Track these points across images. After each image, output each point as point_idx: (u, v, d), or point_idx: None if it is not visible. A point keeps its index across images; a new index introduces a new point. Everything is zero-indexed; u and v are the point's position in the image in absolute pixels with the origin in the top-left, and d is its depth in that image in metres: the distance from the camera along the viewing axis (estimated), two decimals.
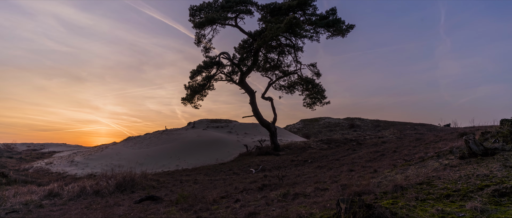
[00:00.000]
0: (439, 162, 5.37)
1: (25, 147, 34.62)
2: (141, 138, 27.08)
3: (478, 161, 4.58)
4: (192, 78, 19.75)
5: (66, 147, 37.02)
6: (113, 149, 22.54)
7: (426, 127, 33.94)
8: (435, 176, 4.36)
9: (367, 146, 15.02)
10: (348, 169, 8.09)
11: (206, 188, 9.11)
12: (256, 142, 22.50)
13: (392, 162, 7.91)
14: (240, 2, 18.63)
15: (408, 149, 9.77)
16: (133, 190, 9.51)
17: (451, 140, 9.17)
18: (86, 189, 8.90)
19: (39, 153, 28.66)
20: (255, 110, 20.41)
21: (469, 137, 5.11)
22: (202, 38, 20.09)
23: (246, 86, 20.56)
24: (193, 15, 18.97)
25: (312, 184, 6.41)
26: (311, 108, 21.20)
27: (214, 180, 11.13)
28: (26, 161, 21.95)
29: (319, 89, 20.22)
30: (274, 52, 22.05)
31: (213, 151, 20.27)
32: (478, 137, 6.09)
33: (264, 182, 8.56)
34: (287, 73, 21.94)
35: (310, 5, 18.38)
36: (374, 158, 9.88)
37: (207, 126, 30.68)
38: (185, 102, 20.31)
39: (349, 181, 5.71)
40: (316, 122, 43.40)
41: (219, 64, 20.18)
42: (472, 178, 3.76)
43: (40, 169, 17.14)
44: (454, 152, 5.76)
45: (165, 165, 17.49)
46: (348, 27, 18.67)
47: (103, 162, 18.51)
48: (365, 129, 37.90)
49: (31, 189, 9.03)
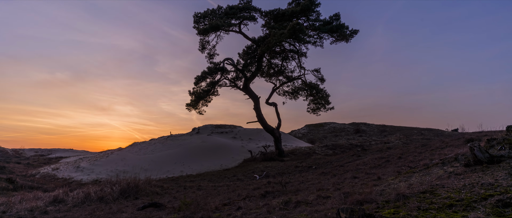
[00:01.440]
0: (443, 170, 5.29)
1: (33, 152, 35.16)
2: (146, 143, 27.26)
3: (484, 169, 4.49)
4: (196, 84, 19.89)
5: (73, 152, 37.49)
6: (119, 154, 22.72)
7: (433, 132, 33.51)
8: (439, 184, 4.28)
9: (372, 152, 14.87)
10: (352, 176, 8.01)
11: (210, 194, 9.09)
12: (261, 148, 22.45)
13: (396, 169, 7.81)
14: (244, 8, 18.80)
15: (413, 155, 9.63)
16: (137, 196, 9.54)
17: (457, 146, 9.02)
18: (91, 195, 8.96)
19: (46, 158, 29.05)
20: (260, 116, 20.41)
21: (474, 144, 5.02)
22: (206, 44, 20.28)
23: (250, 92, 20.60)
24: (197, 22, 19.20)
25: (315, 191, 6.35)
26: (316, 113, 21.13)
27: (218, 186, 11.11)
28: (33, 166, 22.26)
29: (323, 95, 20.17)
30: (278, 57, 22.11)
31: (217, 157, 20.28)
32: (483, 144, 5.98)
33: (267, 188, 8.51)
34: (291, 79, 21.94)
35: (314, 11, 18.46)
36: (378, 164, 9.76)
37: (212, 132, 30.75)
38: (189, 108, 20.43)
39: (352, 188, 5.65)
40: (321, 127, 43.18)
41: (223, 70, 20.30)
42: (476, 187, 3.69)
43: (47, 175, 17.35)
44: (459, 159, 5.66)
45: (169, 171, 17.55)
46: (352, 32, 18.66)
47: (109, 168, 18.66)
48: (371, 134, 37.55)
49: (37, 195, 9.13)
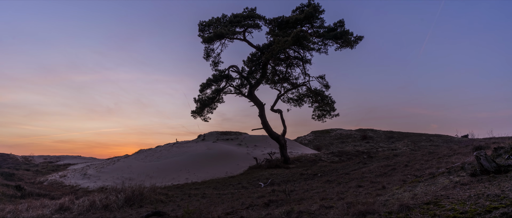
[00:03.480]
0: (449, 179, 5.18)
1: (42, 159, 35.71)
2: (152, 150, 27.43)
3: (490, 179, 4.38)
4: (201, 91, 20.02)
5: (81, 159, 37.95)
6: (125, 162, 22.90)
7: (442, 138, 32.87)
8: (444, 195, 4.19)
9: (378, 159, 14.66)
10: (357, 184, 7.90)
11: (213, 203, 9.07)
12: (266, 155, 22.35)
13: (402, 177, 7.68)
14: (248, 16, 18.97)
15: (420, 163, 9.46)
16: (141, 204, 9.57)
17: (465, 154, 8.83)
18: (96, 203, 9.02)
19: (54, 165, 29.47)
20: (264, 123, 20.40)
21: (480, 153, 4.92)
22: (211, 52, 20.49)
23: (255, 99, 20.64)
24: (202, 30, 19.43)
25: (318, 200, 6.28)
26: (321, 120, 21.01)
27: (222, 194, 11.08)
28: (42, 173, 22.59)
29: (328, 101, 20.07)
30: (282, 64, 22.17)
31: (222, 164, 20.26)
32: (491, 153, 5.85)
33: (271, 197, 8.46)
34: (295, 86, 21.94)
35: (318, 18, 18.51)
36: (384, 172, 9.61)
37: (217, 139, 30.80)
38: (194, 115, 20.54)
39: (356, 198, 5.57)
40: (328, 133, 42.81)
41: (228, 77, 20.42)
42: (481, 199, 3.60)
43: (54, 182, 17.57)
44: (465, 169, 5.54)
45: (174, 178, 17.58)
46: (356, 38, 18.63)
47: (115, 175, 18.81)
48: (378, 141, 37.06)
49: (43, 203, 9.25)
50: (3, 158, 33.42)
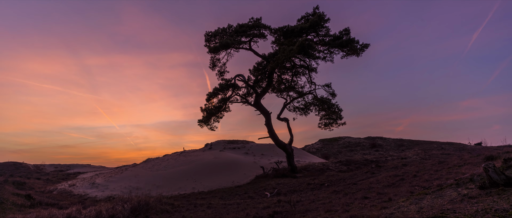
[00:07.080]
0: (457, 192, 5.03)
1: (53, 168, 36.40)
2: (159, 159, 27.61)
3: (499, 193, 4.24)
4: (208, 100, 20.17)
5: (90, 168, 38.51)
6: (132, 171, 23.10)
7: (454, 146, 32.09)
8: (450, 209, 4.07)
9: (387, 169, 14.38)
10: (363, 196, 7.75)
11: (219, 213, 9.03)
12: (273, 164, 22.21)
13: (410, 188, 7.50)
14: (254, 26, 19.17)
15: (429, 174, 9.24)
16: (147, 214, 9.60)
17: (476, 164, 8.59)
18: (102, 213, 9.09)
19: (65, 174, 29.97)
20: (271, 131, 20.34)
21: (488, 165, 4.77)
22: (217, 62, 20.71)
23: (262, 108, 20.65)
24: (208, 40, 19.71)
25: (323, 213, 6.19)
26: (328, 128, 20.82)
27: (228, 204, 11.02)
28: (52, 182, 22.98)
29: (335, 110, 19.92)
30: (288, 73, 22.19)
31: (229, 173, 20.20)
32: (500, 164, 5.67)
33: (276, 208, 8.37)
34: (302, 94, 21.88)
35: (323, 26, 18.56)
36: (392, 183, 9.41)
37: (224, 147, 30.81)
38: (201, 124, 20.65)
39: (361, 211, 5.46)
40: (336, 141, 42.30)
41: (235, 86, 20.54)
42: (489, 213, 3.48)
43: (64, 191, 17.83)
44: (474, 180, 5.38)
45: (181, 188, 17.60)
46: (362, 46, 18.55)
47: (122, 184, 18.96)
48: (388, 149, 36.41)
49: (51, 213, 9.38)
50: (16, 167, 34.24)
